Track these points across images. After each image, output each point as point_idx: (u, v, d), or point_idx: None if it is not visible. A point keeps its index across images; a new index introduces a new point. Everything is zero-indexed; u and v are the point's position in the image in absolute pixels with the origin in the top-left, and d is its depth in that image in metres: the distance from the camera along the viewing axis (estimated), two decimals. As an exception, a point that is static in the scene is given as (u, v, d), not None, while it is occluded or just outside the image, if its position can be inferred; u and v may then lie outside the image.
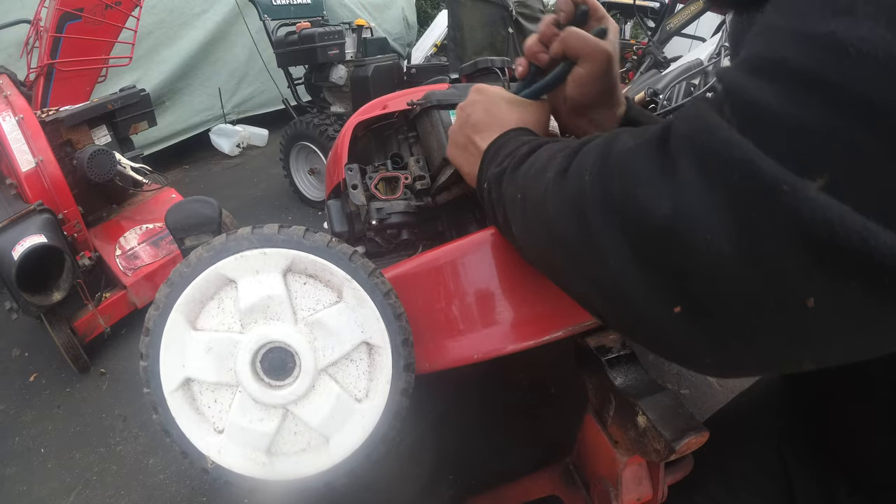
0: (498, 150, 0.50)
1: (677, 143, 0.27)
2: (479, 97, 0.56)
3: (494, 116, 0.53)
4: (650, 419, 0.49)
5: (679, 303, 0.27)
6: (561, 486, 0.75)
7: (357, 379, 0.44)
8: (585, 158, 0.35)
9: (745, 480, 0.60)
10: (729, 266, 0.24)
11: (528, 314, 0.55)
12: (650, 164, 0.28)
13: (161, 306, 0.40)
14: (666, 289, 0.28)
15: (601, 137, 0.36)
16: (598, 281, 0.33)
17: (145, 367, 0.40)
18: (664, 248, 0.27)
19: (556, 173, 0.37)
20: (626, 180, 0.29)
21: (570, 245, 0.35)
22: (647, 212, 0.27)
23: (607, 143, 0.33)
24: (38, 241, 1.58)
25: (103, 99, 2.19)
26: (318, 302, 0.43)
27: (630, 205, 0.28)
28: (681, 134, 0.27)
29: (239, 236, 0.42)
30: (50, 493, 1.55)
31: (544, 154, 0.42)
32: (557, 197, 0.36)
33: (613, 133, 0.35)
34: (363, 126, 0.80)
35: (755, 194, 0.23)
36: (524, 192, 0.42)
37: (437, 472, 0.76)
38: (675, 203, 0.26)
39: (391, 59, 2.99)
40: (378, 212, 0.63)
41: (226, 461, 0.42)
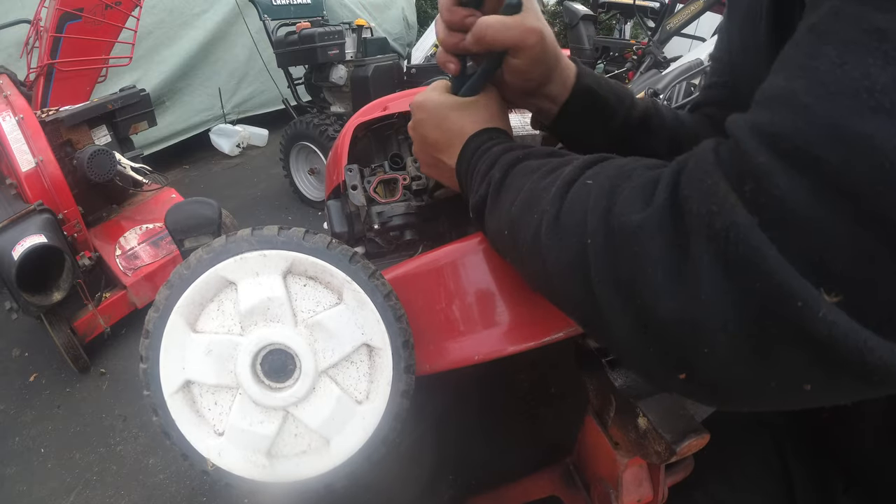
0: (471, 171, 0.47)
1: (694, 227, 0.25)
2: (423, 115, 0.52)
3: (448, 130, 0.50)
4: (651, 421, 0.49)
5: (683, 372, 0.27)
6: (561, 486, 0.75)
7: (357, 381, 0.44)
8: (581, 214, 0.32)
9: (745, 478, 0.60)
10: (738, 357, 0.24)
11: (529, 315, 0.55)
12: (663, 248, 0.26)
13: (161, 308, 0.40)
14: (670, 362, 0.28)
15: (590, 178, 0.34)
16: (598, 333, 0.33)
17: (145, 370, 0.40)
18: (672, 336, 0.26)
19: (547, 222, 0.35)
20: (635, 266, 0.27)
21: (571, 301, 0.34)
22: (658, 303, 0.26)
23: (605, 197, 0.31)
24: (38, 241, 1.58)
25: (103, 99, 2.19)
26: (318, 304, 0.43)
27: (640, 292, 0.27)
28: (697, 214, 0.25)
29: (239, 238, 0.42)
30: (50, 493, 1.56)
31: (525, 184, 0.39)
32: (554, 250, 0.34)
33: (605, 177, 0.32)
34: (363, 127, 0.80)
35: (772, 303, 0.22)
36: (511, 229, 0.40)
37: (438, 472, 0.76)
38: (689, 299, 0.25)
39: (391, 59, 2.99)
40: (379, 215, 0.63)
41: (226, 463, 0.42)
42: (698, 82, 1.96)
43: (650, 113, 0.57)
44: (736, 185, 0.24)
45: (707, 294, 0.24)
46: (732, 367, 0.25)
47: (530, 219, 0.37)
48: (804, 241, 0.21)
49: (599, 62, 3.90)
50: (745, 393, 0.26)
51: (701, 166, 0.26)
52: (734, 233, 0.23)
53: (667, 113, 0.59)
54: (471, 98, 0.50)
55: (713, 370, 0.26)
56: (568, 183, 0.35)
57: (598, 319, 0.31)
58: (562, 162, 0.39)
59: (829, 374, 0.23)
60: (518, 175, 0.41)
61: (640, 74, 3.03)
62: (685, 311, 0.25)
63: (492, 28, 0.44)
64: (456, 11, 0.47)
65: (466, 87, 0.51)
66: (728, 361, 0.24)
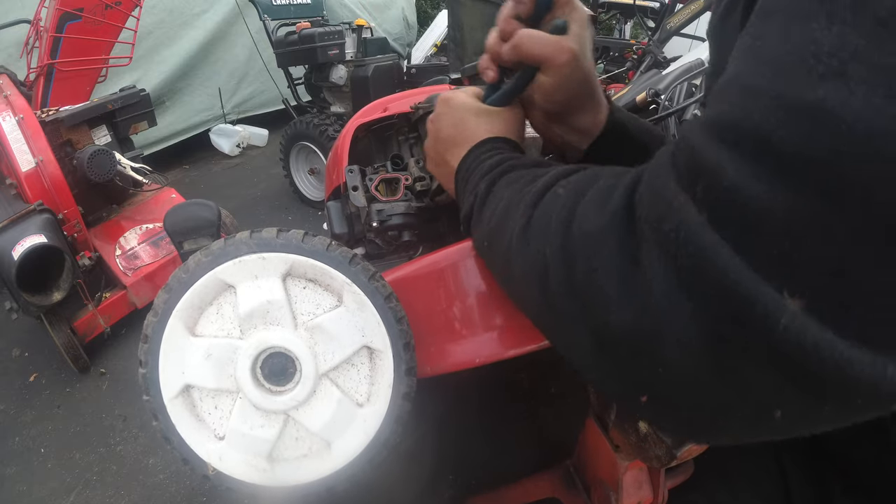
0: (465, 181, 0.47)
1: (644, 232, 0.23)
2: (446, 110, 0.52)
3: (462, 130, 0.50)
4: (651, 425, 0.49)
5: (644, 394, 0.25)
6: (561, 488, 0.75)
7: (358, 383, 0.44)
8: (547, 221, 0.31)
9: (745, 480, 0.60)
10: (698, 376, 0.22)
11: (530, 317, 0.54)
12: (615, 256, 0.25)
13: (159, 312, 0.40)
14: (630, 382, 0.26)
15: (562, 187, 0.33)
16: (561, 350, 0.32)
17: (144, 374, 0.39)
18: (626, 352, 0.24)
19: (518, 230, 0.34)
20: (589, 274, 0.26)
21: (534, 312, 0.34)
22: (611, 312, 0.24)
23: (569, 205, 0.30)
24: (38, 241, 1.58)
25: (103, 99, 2.19)
26: (318, 306, 0.43)
27: (594, 300, 0.26)
28: (646, 218, 0.23)
29: (237, 241, 0.42)
30: (50, 493, 1.56)
31: (506, 194, 0.39)
32: (520, 259, 0.33)
33: (574, 185, 0.31)
34: (364, 128, 0.80)
35: (729, 312, 0.20)
36: (490, 241, 0.40)
37: (438, 472, 0.76)
38: (642, 309, 0.23)
39: (391, 59, 2.99)
40: (379, 213, 0.63)
41: (227, 468, 0.42)
42: (699, 82, 1.96)
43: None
44: (687, 185, 0.22)
45: (659, 304, 0.22)
46: (693, 387, 0.22)
47: (505, 228, 0.36)
48: (761, 236, 0.19)
49: (599, 62, 3.90)
50: (711, 420, 0.24)
51: (656, 170, 0.24)
52: (683, 234, 0.21)
53: None
54: (494, 108, 0.51)
55: (672, 391, 0.23)
56: (541, 192, 0.34)
57: (560, 333, 0.30)
58: (543, 172, 0.38)
59: (804, 396, 0.20)
60: (501, 186, 0.41)
61: (640, 74, 3.02)
62: (638, 322, 0.23)
63: (528, 38, 0.45)
64: (511, 23, 0.48)
65: (495, 97, 0.51)
66: (687, 381, 0.22)
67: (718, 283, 0.20)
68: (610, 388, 0.29)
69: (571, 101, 0.49)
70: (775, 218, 0.19)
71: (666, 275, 0.22)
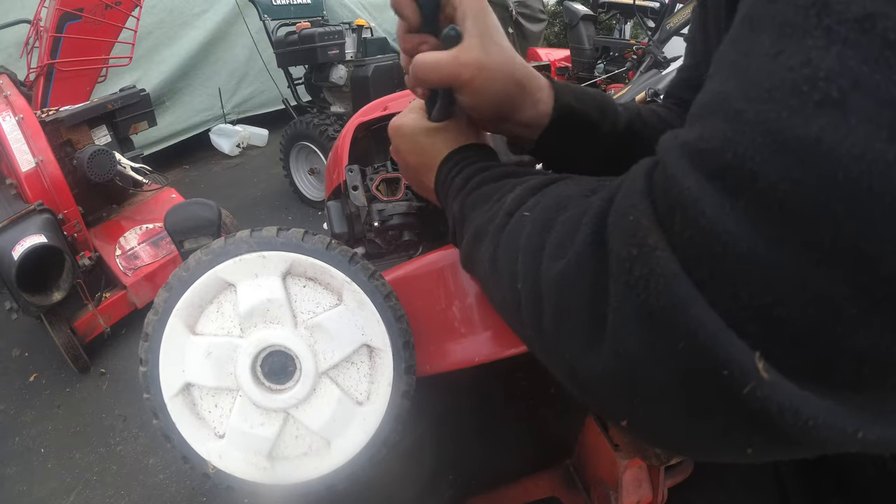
0: (444, 198, 0.46)
1: (614, 272, 0.21)
2: (400, 141, 0.51)
3: (423, 154, 0.49)
4: (651, 422, 0.49)
5: (624, 419, 0.24)
6: (561, 488, 0.75)
7: (358, 382, 0.44)
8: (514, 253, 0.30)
9: (742, 481, 0.60)
10: (671, 417, 0.21)
11: (529, 316, 0.55)
12: (584, 299, 0.23)
13: (160, 311, 0.40)
14: (610, 410, 0.25)
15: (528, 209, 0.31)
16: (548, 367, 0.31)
17: (145, 373, 0.40)
18: (601, 391, 0.24)
19: (489, 258, 0.33)
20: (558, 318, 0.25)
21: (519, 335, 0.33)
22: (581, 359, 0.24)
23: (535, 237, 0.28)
24: (38, 241, 1.58)
25: (103, 99, 2.19)
26: (317, 305, 0.43)
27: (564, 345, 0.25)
28: (617, 256, 0.21)
29: (237, 240, 0.42)
30: (50, 493, 1.56)
31: (475, 216, 0.38)
32: (494, 288, 0.33)
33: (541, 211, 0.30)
34: (364, 127, 0.80)
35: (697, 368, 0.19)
36: (470, 264, 0.40)
37: (437, 471, 0.76)
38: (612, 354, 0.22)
39: (391, 59, 2.99)
40: (379, 213, 0.63)
41: (227, 466, 0.42)
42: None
43: (634, 121, 0.53)
44: (663, 218, 0.20)
45: (629, 350, 0.21)
46: (668, 422, 0.22)
47: (479, 253, 0.36)
48: (738, 287, 0.17)
49: (599, 62, 3.90)
50: (689, 448, 0.24)
51: (629, 196, 0.22)
52: (654, 282, 0.19)
53: (650, 117, 0.55)
54: (441, 124, 0.48)
55: (650, 424, 0.23)
56: (509, 214, 0.33)
57: (539, 356, 0.30)
58: (511, 186, 0.36)
59: (771, 443, 0.19)
60: (471, 206, 0.40)
61: (640, 74, 3.02)
62: (610, 365, 0.22)
63: (422, 68, 0.40)
64: (409, 39, 0.44)
65: (434, 114, 0.49)
66: (663, 417, 0.22)
67: (689, 338, 0.18)
68: (592, 407, 0.28)
69: (501, 105, 0.45)
70: (756, 268, 0.17)
71: (636, 320, 0.20)
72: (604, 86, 3.26)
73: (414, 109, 0.52)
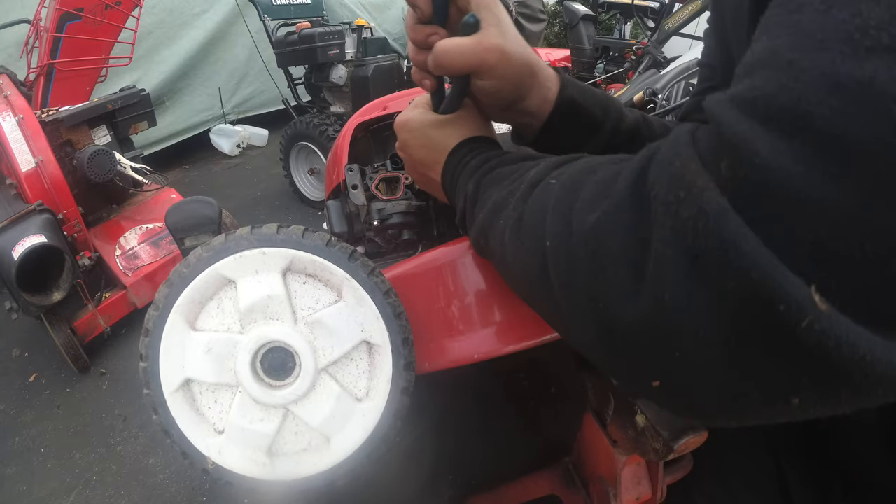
0: (454, 186, 0.47)
1: (659, 217, 0.21)
2: (408, 135, 0.51)
3: (433, 147, 0.49)
4: (649, 418, 0.49)
5: (656, 379, 0.24)
6: (560, 486, 0.75)
7: (357, 378, 0.44)
8: (540, 214, 0.30)
9: (743, 480, 0.60)
10: (714, 365, 0.21)
11: (528, 314, 0.55)
12: (624, 245, 0.23)
13: (160, 307, 0.40)
14: (641, 369, 0.24)
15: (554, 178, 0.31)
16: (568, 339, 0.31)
17: (145, 368, 0.40)
18: (639, 341, 0.23)
19: (511, 224, 0.33)
20: (594, 267, 0.24)
21: (539, 306, 0.33)
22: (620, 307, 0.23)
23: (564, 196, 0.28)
24: (38, 241, 1.58)
25: (103, 99, 2.19)
26: (317, 301, 0.43)
27: (601, 295, 0.24)
28: (663, 201, 0.21)
29: (238, 236, 0.42)
30: (50, 493, 1.56)
31: (494, 191, 0.39)
32: (516, 254, 0.32)
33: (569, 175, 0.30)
34: (363, 127, 0.80)
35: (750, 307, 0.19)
36: (485, 239, 0.39)
37: (437, 470, 0.76)
38: (654, 301, 0.21)
39: (391, 59, 2.99)
40: (379, 212, 0.63)
41: (226, 462, 0.42)
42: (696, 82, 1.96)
43: (639, 125, 0.54)
44: (709, 163, 0.20)
45: (673, 296, 0.20)
46: (709, 375, 0.21)
47: (498, 225, 0.36)
48: (794, 223, 0.18)
49: (599, 62, 3.90)
50: (725, 405, 0.23)
51: (673, 148, 0.22)
52: (703, 221, 0.19)
53: (658, 125, 0.56)
54: (450, 115, 0.49)
55: (688, 378, 0.23)
56: (532, 185, 0.33)
57: (564, 325, 0.29)
58: (532, 164, 0.37)
59: (822, 387, 0.19)
60: (489, 185, 0.40)
61: (639, 74, 3.03)
62: (651, 314, 0.22)
63: (445, 53, 0.41)
64: (420, 30, 0.45)
65: (443, 107, 0.49)
66: (703, 369, 0.21)
67: (741, 277, 0.18)
68: (619, 374, 0.27)
69: (518, 90, 0.46)
70: (812, 204, 0.17)
71: (680, 264, 0.20)
72: (604, 86, 3.26)
73: (419, 105, 0.52)
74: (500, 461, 0.83)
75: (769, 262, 0.18)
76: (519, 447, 0.83)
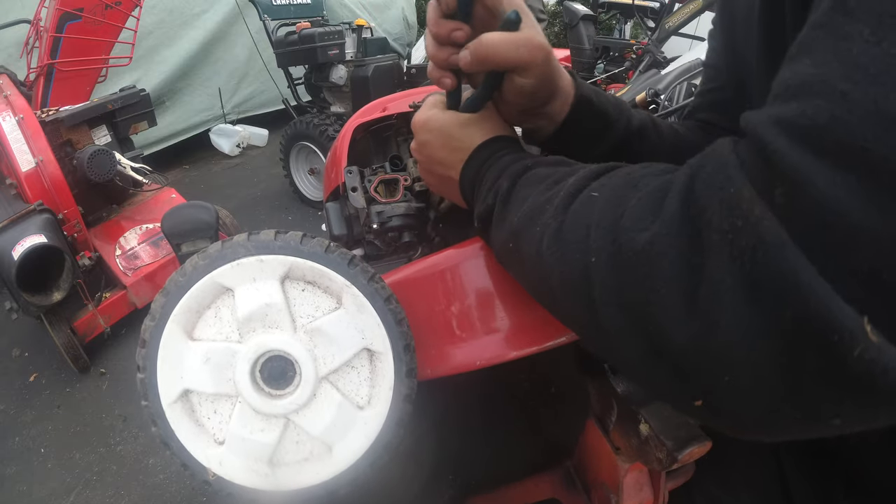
0: (479, 180, 0.45)
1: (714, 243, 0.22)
2: (428, 136, 0.50)
3: (455, 147, 0.48)
4: (653, 427, 0.49)
5: (700, 399, 0.25)
6: (561, 489, 0.74)
7: (359, 386, 0.44)
8: (583, 229, 0.30)
9: (745, 481, 0.59)
10: (762, 389, 0.22)
11: (531, 319, 0.54)
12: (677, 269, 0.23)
13: (157, 317, 0.39)
14: (687, 388, 0.25)
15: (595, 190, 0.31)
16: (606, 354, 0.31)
17: (142, 379, 0.39)
18: (689, 363, 0.24)
19: (550, 234, 0.33)
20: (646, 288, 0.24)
21: (575, 319, 0.32)
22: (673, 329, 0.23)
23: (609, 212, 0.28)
24: (38, 241, 1.58)
25: (103, 99, 2.19)
26: (317, 309, 0.43)
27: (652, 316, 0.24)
28: (717, 228, 0.22)
29: (234, 244, 0.41)
30: (50, 493, 1.56)
31: (530, 193, 0.38)
32: (556, 265, 0.32)
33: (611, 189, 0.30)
34: (362, 128, 0.80)
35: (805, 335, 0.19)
36: (515, 242, 0.38)
37: (437, 471, 0.76)
38: (709, 325, 0.22)
39: (391, 59, 2.99)
40: (379, 215, 0.62)
41: (227, 472, 0.41)
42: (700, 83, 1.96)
43: (647, 125, 0.54)
44: (763, 191, 0.20)
45: (729, 321, 0.21)
46: (755, 397, 0.22)
47: (533, 231, 0.35)
48: (850, 253, 0.18)
49: (599, 62, 3.89)
50: (767, 423, 0.24)
51: (720, 170, 0.23)
52: (762, 252, 0.20)
53: (666, 128, 0.56)
54: (474, 115, 0.48)
55: (733, 399, 0.23)
56: (572, 194, 0.33)
57: (604, 340, 0.29)
58: (569, 171, 0.37)
59: (863, 409, 0.20)
60: (525, 185, 0.39)
61: (640, 74, 3.02)
62: (704, 337, 0.22)
63: (499, 47, 0.40)
64: (443, 25, 0.44)
65: (467, 104, 0.48)
66: (750, 392, 0.22)
67: (798, 306, 0.19)
68: (661, 391, 0.28)
69: (550, 92, 0.47)
70: (867, 235, 0.18)
71: (738, 291, 0.21)
72: (604, 85, 3.25)
73: (435, 104, 0.51)
74: (501, 462, 0.83)
75: (826, 293, 0.19)
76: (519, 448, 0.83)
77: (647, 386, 0.29)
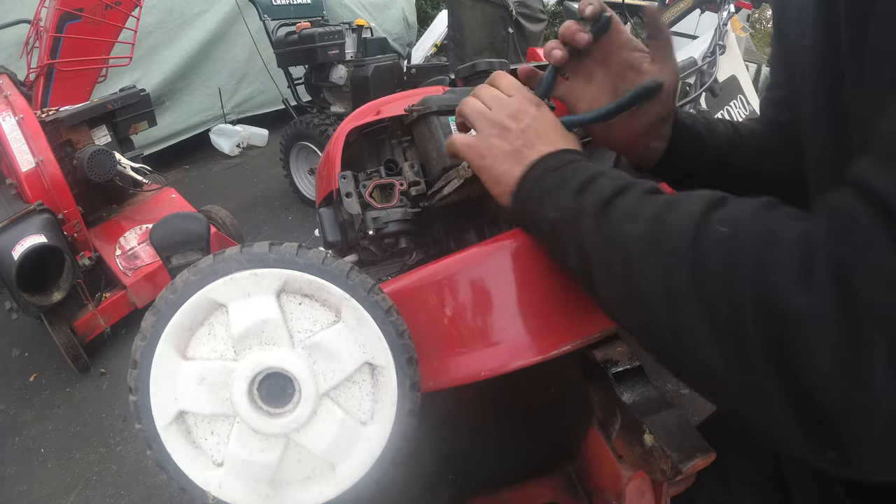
0: (560, 169, 0.45)
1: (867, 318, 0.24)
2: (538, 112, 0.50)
3: (549, 136, 0.48)
4: (657, 438, 0.48)
5: (835, 451, 0.26)
6: (562, 493, 0.74)
7: (361, 401, 0.43)
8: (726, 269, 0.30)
9: (744, 480, 0.59)
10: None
11: (535, 328, 0.54)
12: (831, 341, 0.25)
13: (147, 336, 0.38)
14: (819, 439, 0.26)
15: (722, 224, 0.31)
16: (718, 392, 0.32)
17: (135, 402, 0.38)
18: (830, 419, 0.25)
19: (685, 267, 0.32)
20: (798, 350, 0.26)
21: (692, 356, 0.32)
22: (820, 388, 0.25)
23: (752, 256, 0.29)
24: (38, 241, 1.57)
25: (103, 99, 2.18)
26: (315, 323, 0.42)
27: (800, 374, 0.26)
28: (867, 302, 0.24)
29: (227, 257, 0.40)
30: (50, 493, 1.56)
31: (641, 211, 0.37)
32: (690, 303, 0.31)
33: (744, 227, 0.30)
34: (356, 132, 0.78)
35: None
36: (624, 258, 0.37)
37: (437, 471, 0.75)
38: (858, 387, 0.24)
39: (391, 59, 2.97)
40: (374, 221, 0.61)
41: (228, 495, 0.40)
42: (693, 81, 1.94)
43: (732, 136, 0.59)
44: None
45: (878, 386, 0.23)
46: (890, 452, 0.24)
47: (654, 258, 0.34)
48: None
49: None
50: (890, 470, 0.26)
51: (867, 246, 0.25)
52: None
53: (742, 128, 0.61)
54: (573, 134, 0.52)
55: (867, 451, 0.25)
56: (696, 225, 0.33)
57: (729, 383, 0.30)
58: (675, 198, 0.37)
59: None
60: (631, 199, 0.39)
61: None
62: (851, 398, 0.24)
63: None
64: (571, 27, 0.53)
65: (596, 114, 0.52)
66: (887, 445, 0.24)
67: None
68: (789, 440, 0.29)
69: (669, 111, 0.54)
70: None
71: (891, 360, 0.23)
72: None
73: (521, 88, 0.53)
74: (501, 463, 0.82)
75: None
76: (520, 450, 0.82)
77: (776, 434, 0.30)
